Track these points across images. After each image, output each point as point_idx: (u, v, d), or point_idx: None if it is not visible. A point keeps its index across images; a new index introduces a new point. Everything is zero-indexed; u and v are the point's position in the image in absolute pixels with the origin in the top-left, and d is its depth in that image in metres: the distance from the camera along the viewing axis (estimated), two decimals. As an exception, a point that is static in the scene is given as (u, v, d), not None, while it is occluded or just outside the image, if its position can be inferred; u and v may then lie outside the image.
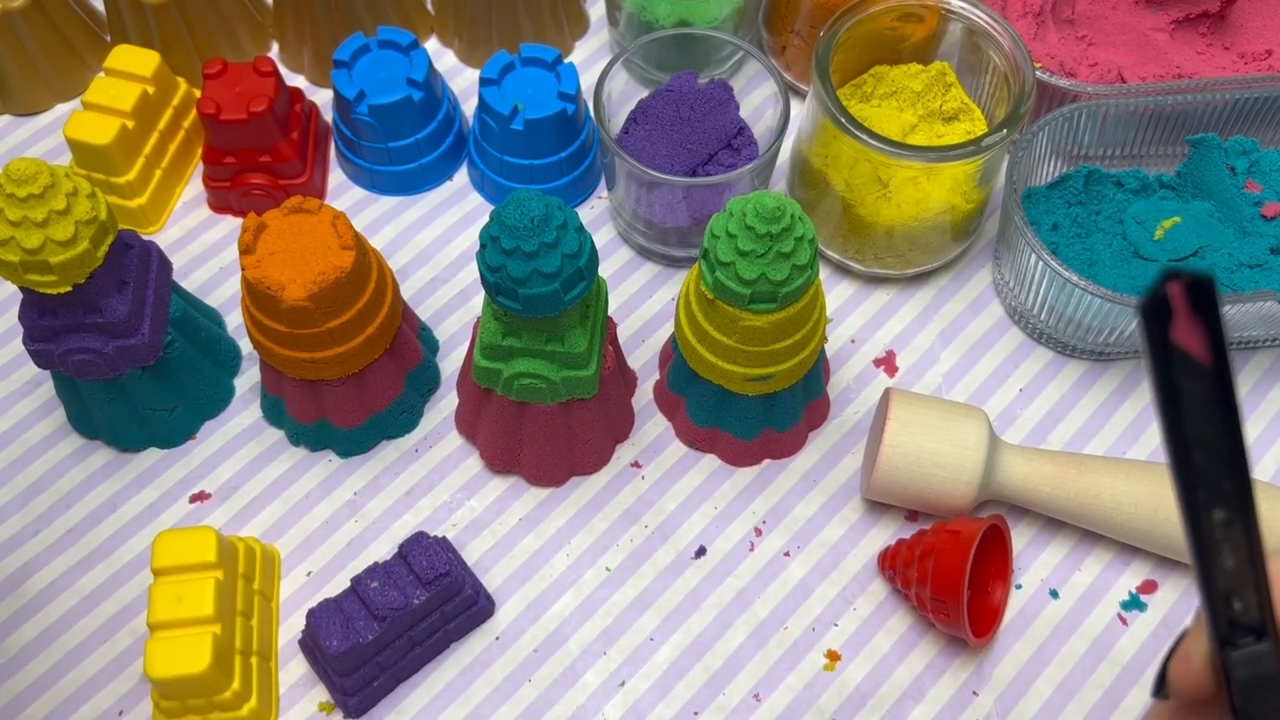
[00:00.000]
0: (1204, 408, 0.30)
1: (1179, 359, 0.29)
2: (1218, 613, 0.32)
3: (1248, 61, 0.75)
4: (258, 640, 0.59)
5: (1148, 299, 0.29)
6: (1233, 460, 0.30)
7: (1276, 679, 0.32)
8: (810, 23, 0.75)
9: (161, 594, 0.55)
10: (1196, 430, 0.30)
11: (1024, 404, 0.68)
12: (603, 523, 0.65)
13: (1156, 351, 0.29)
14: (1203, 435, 0.30)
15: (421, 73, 0.71)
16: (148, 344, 0.60)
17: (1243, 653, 0.32)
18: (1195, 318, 0.29)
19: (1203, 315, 0.29)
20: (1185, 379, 0.29)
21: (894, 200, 0.66)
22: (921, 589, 0.58)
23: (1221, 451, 0.30)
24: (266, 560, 0.61)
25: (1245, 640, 0.32)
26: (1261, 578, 0.32)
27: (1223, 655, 0.32)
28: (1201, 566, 0.32)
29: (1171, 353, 0.29)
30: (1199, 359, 0.29)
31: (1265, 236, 0.68)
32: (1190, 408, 0.30)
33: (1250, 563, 0.32)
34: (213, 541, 0.57)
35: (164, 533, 0.57)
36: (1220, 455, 0.30)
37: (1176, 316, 0.29)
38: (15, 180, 0.52)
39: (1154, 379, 0.30)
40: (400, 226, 0.74)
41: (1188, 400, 0.29)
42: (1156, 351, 0.29)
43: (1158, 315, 0.29)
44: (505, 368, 0.58)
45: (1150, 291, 0.29)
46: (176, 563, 0.56)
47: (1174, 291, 0.28)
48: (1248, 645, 0.32)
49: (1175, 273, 0.28)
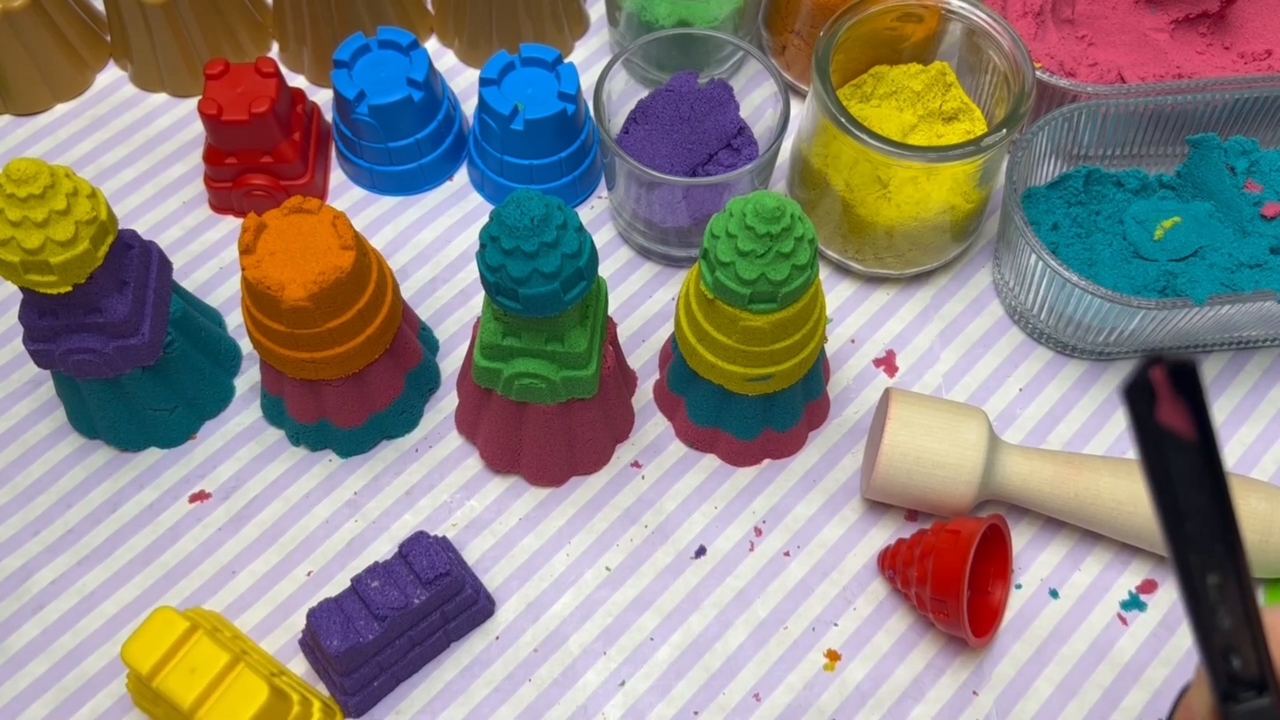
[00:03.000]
0: (1193, 479, 0.31)
1: (1165, 438, 0.30)
2: (1217, 669, 0.33)
3: (1248, 61, 0.75)
4: (271, 665, 0.59)
5: (1131, 383, 0.29)
6: (1223, 526, 0.31)
7: None
8: (810, 23, 0.75)
9: (175, 681, 0.53)
10: (1187, 501, 0.31)
11: (1024, 404, 0.68)
12: (603, 523, 0.65)
13: (1143, 431, 0.30)
14: (1193, 505, 0.31)
15: (421, 73, 0.71)
16: (148, 344, 0.60)
17: (1244, 707, 0.33)
18: (1179, 399, 0.29)
19: (1186, 396, 0.29)
20: (1173, 455, 0.30)
21: (894, 200, 0.66)
22: (921, 589, 0.58)
23: (1211, 519, 0.31)
24: (212, 616, 0.60)
25: (1246, 695, 0.33)
26: (1258, 634, 0.33)
27: (1224, 709, 0.33)
28: (1199, 627, 0.33)
29: (1158, 432, 0.30)
30: (1185, 436, 0.30)
31: (1265, 236, 0.68)
32: (1180, 481, 0.30)
33: (1246, 620, 0.33)
34: (174, 614, 0.54)
35: (127, 641, 0.54)
36: (1210, 522, 0.31)
37: (1160, 399, 0.29)
38: (15, 180, 0.52)
39: (1143, 457, 0.30)
40: (400, 226, 0.74)
41: (1177, 474, 0.30)
42: (1143, 431, 0.30)
43: (1142, 398, 0.30)
44: (505, 368, 0.58)
45: (1133, 375, 0.29)
46: (162, 651, 0.54)
47: (1157, 376, 0.29)
48: (1249, 699, 0.33)
49: (1157, 357, 0.29)
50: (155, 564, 0.63)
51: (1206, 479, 0.31)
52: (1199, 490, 0.31)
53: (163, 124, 0.79)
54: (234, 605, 0.62)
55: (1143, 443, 0.30)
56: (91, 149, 0.78)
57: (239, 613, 0.62)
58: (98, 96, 0.80)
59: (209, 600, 0.62)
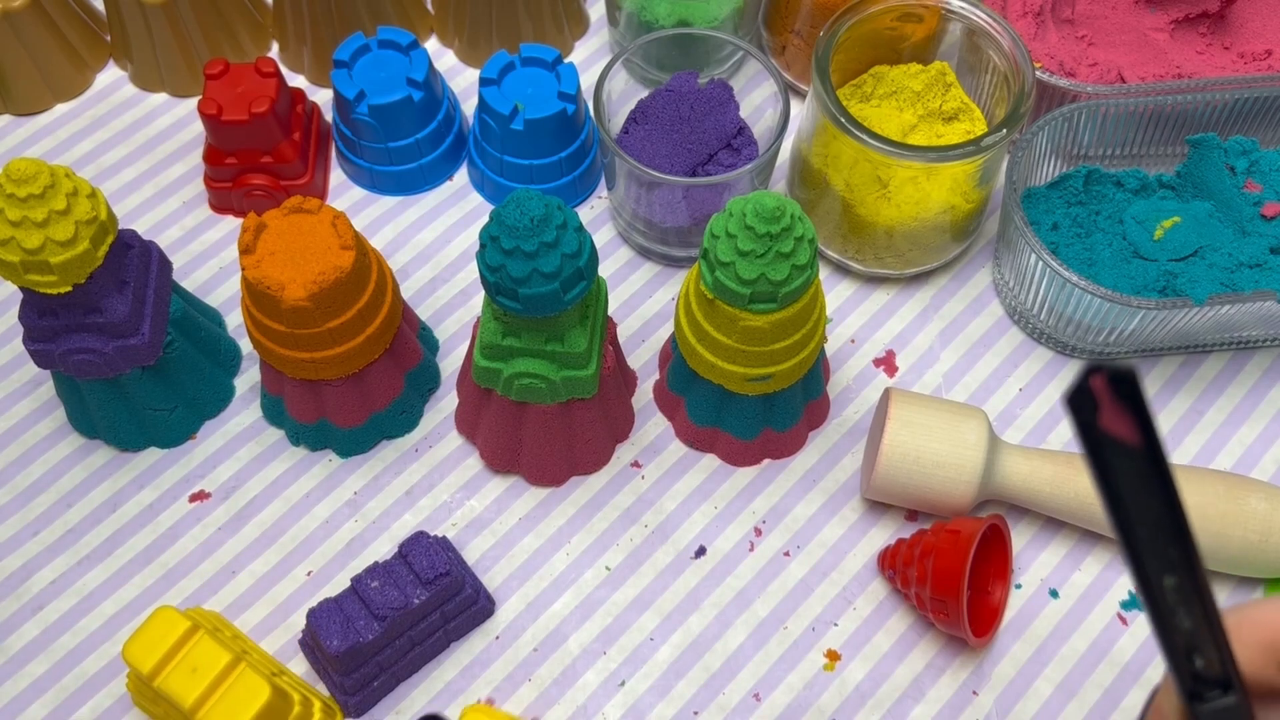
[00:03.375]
0: (1142, 484, 0.31)
1: (1110, 444, 0.30)
2: (1182, 670, 0.33)
3: (1248, 61, 0.75)
4: (271, 665, 0.58)
5: (1072, 392, 0.30)
6: (1175, 529, 0.32)
7: None
8: (810, 23, 0.75)
9: (176, 681, 0.53)
10: (1138, 506, 0.31)
11: (1024, 404, 0.68)
12: (603, 522, 0.65)
13: (1088, 439, 0.30)
14: (1144, 510, 0.31)
15: (421, 73, 0.71)
16: (148, 344, 0.60)
17: (1210, 706, 0.33)
18: (1120, 405, 0.30)
19: (1127, 402, 0.30)
20: (1120, 461, 0.30)
21: (894, 200, 0.66)
22: (921, 589, 0.58)
23: (1163, 522, 0.31)
24: (212, 616, 0.60)
25: (1212, 694, 0.33)
26: (1219, 633, 0.33)
27: (1191, 709, 0.33)
28: (1160, 630, 0.33)
29: (1103, 439, 0.30)
30: (1129, 442, 0.30)
31: (1265, 236, 0.68)
32: (1129, 487, 0.31)
33: (1206, 620, 0.33)
34: (175, 614, 0.54)
35: (128, 641, 0.54)
36: (1163, 526, 0.31)
37: (1102, 407, 0.30)
38: (15, 180, 0.52)
39: (1090, 464, 0.31)
40: (400, 226, 0.74)
41: (1125, 480, 0.31)
42: (1088, 439, 0.30)
43: (1085, 406, 0.30)
44: (505, 368, 0.58)
45: (1074, 385, 0.30)
46: (163, 651, 0.53)
47: (1097, 384, 0.30)
48: (1214, 698, 0.33)
49: (1097, 366, 0.30)
50: (155, 564, 0.63)
51: (1155, 483, 0.31)
52: (1149, 495, 0.31)
53: (163, 124, 0.79)
54: (234, 605, 0.62)
55: (1090, 450, 0.30)
56: (91, 149, 0.78)
57: (239, 613, 0.62)
58: (98, 96, 0.80)
59: (209, 600, 0.62)
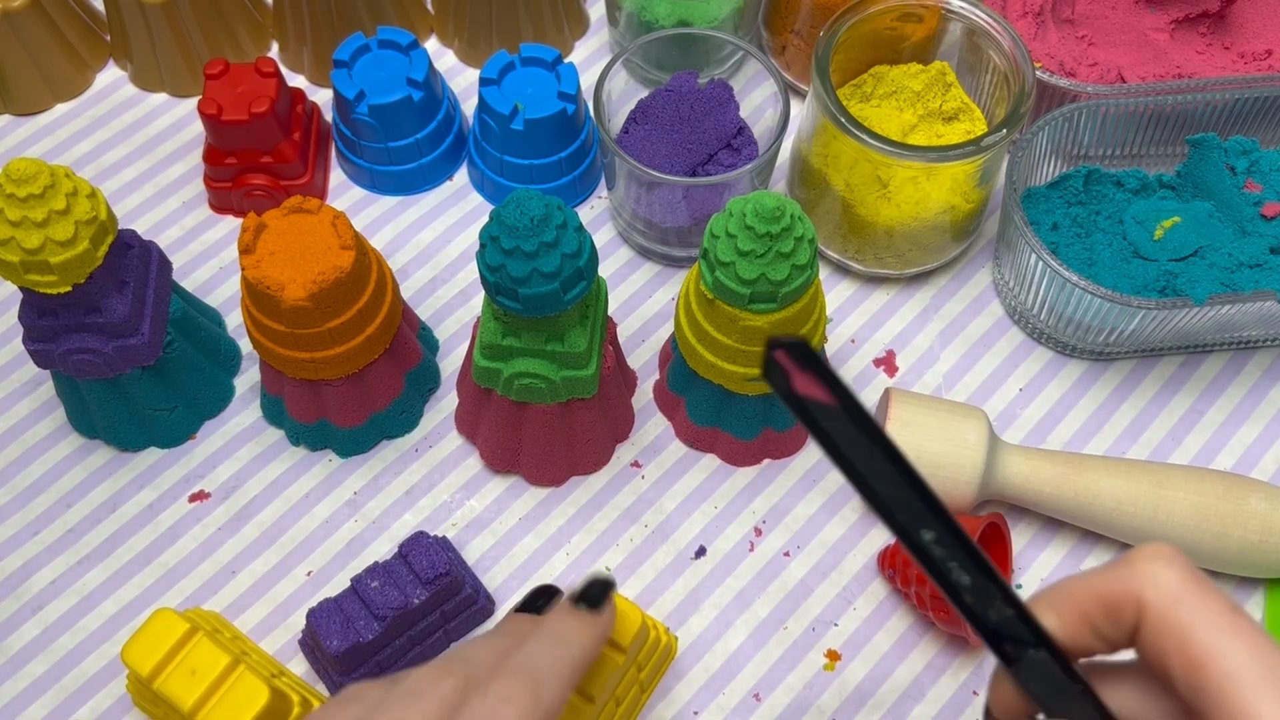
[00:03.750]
0: (857, 441, 0.32)
1: (812, 407, 0.32)
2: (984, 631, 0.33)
3: (1248, 61, 0.75)
4: (271, 665, 0.58)
5: (764, 366, 0.32)
6: (908, 480, 0.32)
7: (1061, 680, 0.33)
8: (810, 23, 0.75)
9: (175, 683, 0.52)
10: (863, 463, 0.32)
11: (1024, 404, 0.68)
12: (603, 522, 0.65)
13: (791, 404, 0.32)
14: (870, 467, 0.32)
15: (421, 73, 0.71)
16: (148, 344, 0.60)
17: (1025, 664, 0.33)
18: (806, 371, 0.32)
19: (809, 367, 0.32)
20: (828, 422, 0.32)
21: (894, 200, 0.66)
22: (921, 588, 0.58)
23: (893, 476, 0.32)
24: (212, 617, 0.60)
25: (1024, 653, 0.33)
26: (1003, 587, 0.33)
27: (1011, 673, 0.33)
28: (944, 588, 0.33)
29: (804, 403, 0.32)
30: (826, 402, 0.32)
31: (1265, 236, 0.68)
32: (847, 446, 0.32)
33: (986, 575, 0.33)
34: (174, 616, 0.54)
35: (128, 643, 0.54)
36: (894, 479, 0.32)
37: (792, 375, 0.32)
38: (15, 180, 0.52)
39: (809, 431, 0.32)
40: (400, 226, 0.74)
41: (841, 440, 0.32)
42: (791, 404, 0.32)
43: (777, 377, 0.32)
44: (505, 367, 0.58)
45: (764, 360, 0.32)
46: (162, 653, 0.53)
47: (780, 356, 0.32)
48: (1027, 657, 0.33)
49: (775, 340, 0.32)
50: (155, 564, 0.63)
51: (868, 439, 0.32)
52: (869, 452, 0.32)
53: (163, 124, 0.79)
54: (234, 605, 0.62)
55: (798, 415, 0.32)
56: (91, 149, 0.78)
57: (239, 613, 0.62)
58: (98, 96, 0.80)
59: (209, 600, 0.62)
